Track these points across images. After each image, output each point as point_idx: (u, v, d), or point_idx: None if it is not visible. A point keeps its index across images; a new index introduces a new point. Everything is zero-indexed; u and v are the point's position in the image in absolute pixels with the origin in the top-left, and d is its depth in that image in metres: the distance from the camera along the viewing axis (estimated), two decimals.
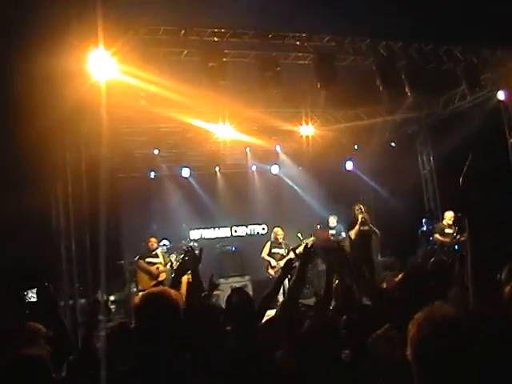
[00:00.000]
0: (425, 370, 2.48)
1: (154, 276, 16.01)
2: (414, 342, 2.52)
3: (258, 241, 21.02)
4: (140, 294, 15.35)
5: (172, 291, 4.15)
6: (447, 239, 16.67)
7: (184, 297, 5.16)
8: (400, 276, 4.40)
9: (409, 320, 2.63)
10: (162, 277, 16.13)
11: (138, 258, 16.45)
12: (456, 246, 16.45)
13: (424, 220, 20.46)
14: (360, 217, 16.23)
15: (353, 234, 16.33)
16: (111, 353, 5.17)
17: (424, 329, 2.51)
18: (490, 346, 2.55)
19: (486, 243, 3.36)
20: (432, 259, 8.40)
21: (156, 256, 16.43)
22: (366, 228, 16.35)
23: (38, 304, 14.50)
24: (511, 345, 2.91)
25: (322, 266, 17.34)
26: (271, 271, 16.87)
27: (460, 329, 2.48)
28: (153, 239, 16.71)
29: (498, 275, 6.90)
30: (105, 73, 12.60)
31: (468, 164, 3.43)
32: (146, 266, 16.18)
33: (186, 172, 21.21)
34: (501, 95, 17.90)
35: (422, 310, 2.61)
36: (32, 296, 15.20)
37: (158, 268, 16.21)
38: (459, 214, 16.86)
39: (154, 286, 15.16)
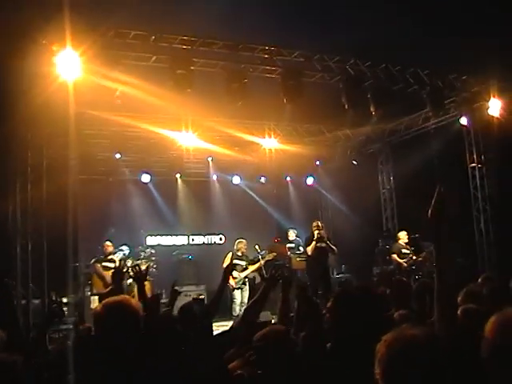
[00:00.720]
0: None
1: (108, 281, 15.86)
2: (383, 362, 2.55)
3: (214, 250, 21.02)
4: (98, 300, 15.34)
5: (132, 300, 4.13)
6: (404, 259, 16.77)
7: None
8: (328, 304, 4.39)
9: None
10: None
11: (94, 262, 16.31)
12: (413, 267, 16.59)
13: (381, 239, 20.63)
14: (316, 233, 16.24)
15: (309, 250, 16.34)
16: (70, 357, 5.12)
17: (393, 348, 2.54)
18: (456, 366, 2.59)
19: (453, 269, 3.47)
20: (393, 278, 8.47)
21: (112, 261, 16.28)
22: (323, 245, 16.35)
23: None
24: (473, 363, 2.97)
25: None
26: (232, 282, 16.86)
27: (428, 348, 2.51)
28: (108, 243, 16.59)
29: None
30: (72, 73, 12.51)
31: (436, 196, 3.55)
32: (101, 270, 16.02)
33: (146, 177, 21.13)
34: (463, 120, 18.12)
35: (392, 332, 2.65)
36: None
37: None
38: (415, 235, 17.05)
39: (110, 290, 15.04)
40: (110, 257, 16.33)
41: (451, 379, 2.51)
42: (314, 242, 16.17)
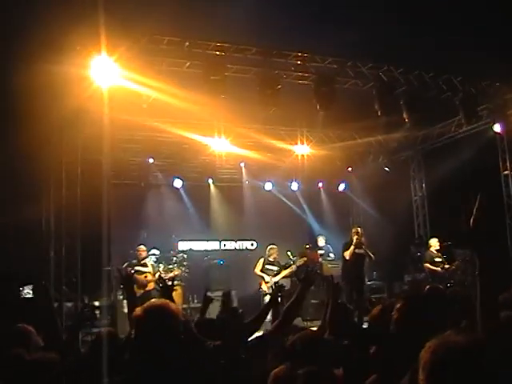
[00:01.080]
0: None
1: (141, 285, 15.94)
2: (427, 368, 2.56)
3: (245, 256, 21.07)
4: (141, 305, 15.44)
5: (172, 304, 4.16)
6: (437, 268, 16.67)
7: None
8: (398, 305, 4.38)
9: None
10: (151, 286, 16.07)
11: (127, 266, 16.40)
12: (446, 275, 16.50)
13: (412, 246, 20.55)
14: (355, 238, 16.19)
15: (347, 255, 16.27)
16: (96, 360, 5.16)
17: (438, 354, 2.55)
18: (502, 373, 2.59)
19: (495, 278, 3.48)
20: (428, 287, 8.41)
21: (145, 265, 16.38)
22: (361, 251, 16.31)
23: (33, 300, 14.47)
24: None
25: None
26: (264, 287, 16.93)
27: (473, 355, 2.52)
28: (142, 248, 16.68)
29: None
30: (107, 79, 12.64)
31: (478, 205, 3.54)
32: (135, 275, 16.10)
33: (178, 183, 21.22)
34: (497, 127, 18.01)
35: (436, 338, 2.65)
36: (28, 292, 15.18)
37: (146, 277, 16.17)
38: (447, 243, 16.95)
39: (142, 295, 15.15)
40: (142, 261, 16.42)
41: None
42: (352, 247, 16.13)
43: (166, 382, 3.74)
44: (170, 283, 6.20)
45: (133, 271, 15.72)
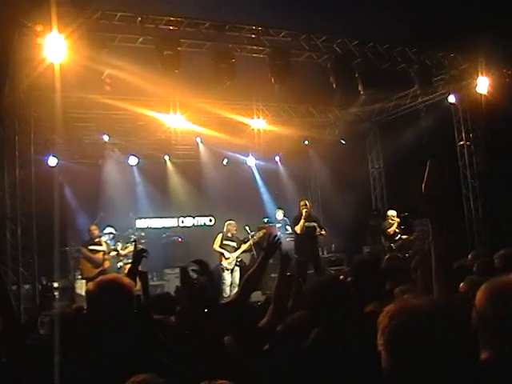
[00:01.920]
0: (398, 359, 2.50)
1: (97, 264, 15.83)
2: (387, 332, 2.54)
3: (204, 232, 20.98)
4: (85, 281, 15.33)
5: (126, 279, 4.11)
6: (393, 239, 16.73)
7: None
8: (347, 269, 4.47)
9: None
10: (106, 264, 15.98)
11: (81, 246, 16.25)
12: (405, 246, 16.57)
13: (370, 218, 20.67)
14: (304, 211, 16.10)
15: (298, 228, 16.18)
16: (61, 338, 5.09)
17: (396, 318, 2.53)
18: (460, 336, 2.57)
19: (450, 243, 3.42)
20: (387, 256, 8.44)
21: (99, 244, 16.23)
22: (312, 224, 16.26)
23: None
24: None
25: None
26: (225, 262, 16.86)
27: (432, 317, 2.50)
28: (93, 227, 16.52)
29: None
30: (58, 56, 12.39)
31: (428, 170, 3.44)
32: (89, 254, 15.97)
33: (134, 160, 21.04)
34: (451, 98, 18.11)
35: (394, 302, 2.64)
36: None
37: (103, 255, 16.03)
38: (404, 214, 17.03)
39: (99, 273, 15.06)
40: (96, 240, 16.26)
41: (455, 347, 2.49)
42: (302, 221, 16.04)
43: (120, 355, 3.69)
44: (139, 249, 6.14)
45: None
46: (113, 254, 16.59)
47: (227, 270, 16.66)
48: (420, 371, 2.44)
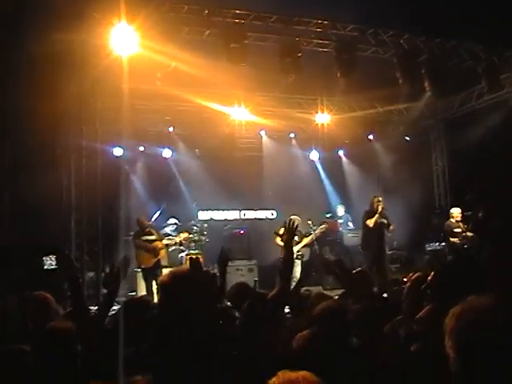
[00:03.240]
0: (468, 360, 2.48)
1: (154, 253, 15.88)
2: (455, 334, 2.52)
3: (266, 226, 21.01)
4: (142, 271, 15.47)
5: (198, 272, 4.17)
6: (455, 239, 16.48)
7: None
8: (431, 274, 4.40)
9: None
10: (162, 253, 16.03)
11: (133, 238, 16.27)
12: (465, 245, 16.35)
13: (433, 216, 20.47)
14: (380, 207, 15.98)
15: (371, 222, 15.99)
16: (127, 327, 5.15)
17: (463, 319, 2.51)
18: None
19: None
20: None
21: (150, 233, 16.25)
22: (384, 220, 16.16)
23: (57, 270, 14.47)
24: None
25: (330, 256, 17.44)
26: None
27: (500, 318, 2.48)
28: (142, 217, 16.54)
29: None
30: (126, 47, 12.57)
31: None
32: (144, 244, 16.01)
33: (198, 152, 21.18)
34: None
35: (459, 304, 2.61)
36: (51, 263, 15.16)
37: (157, 247, 16.06)
38: (468, 213, 16.81)
39: (156, 263, 15.26)
40: (147, 230, 16.27)
41: None
42: (377, 215, 15.91)
43: (193, 350, 3.71)
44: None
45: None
46: (166, 241, 16.66)
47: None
48: (492, 371, 2.42)
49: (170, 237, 17.23)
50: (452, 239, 16.46)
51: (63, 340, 4.40)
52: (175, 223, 17.98)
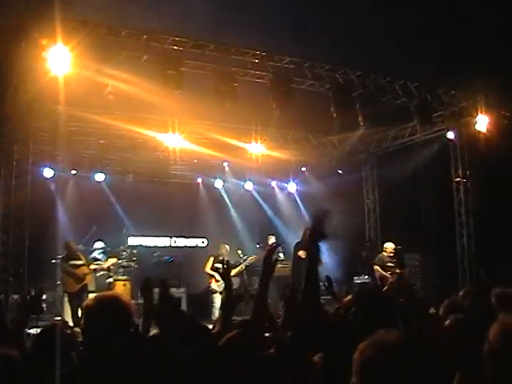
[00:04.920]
0: None
1: (79, 279, 15.71)
2: (358, 369, 2.55)
3: (196, 254, 20.96)
4: (68, 295, 15.27)
5: (126, 298, 4.11)
6: (386, 273, 16.57)
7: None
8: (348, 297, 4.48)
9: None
10: (88, 279, 15.90)
11: (60, 261, 16.11)
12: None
13: (363, 249, 20.64)
14: None
15: (304, 254, 16.02)
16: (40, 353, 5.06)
17: (366, 354, 2.53)
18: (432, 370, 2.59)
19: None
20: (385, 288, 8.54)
21: (78, 258, 16.09)
22: None
23: None
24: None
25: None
26: (214, 285, 16.83)
27: (402, 353, 2.51)
28: (71, 242, 16.41)
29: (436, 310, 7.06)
30: (62, 68, 12.43)
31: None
32: (70, 269, 15.84)
33: (131, 177, 21.04)
34: (450, 135, 18.19)
35: (366, 340, 2.64)
36: None
37: (83, 273, 15.88)
38: (397, 247, 16.98)
39: (82, 288, 15.12)
40: (75, 254, 16.09)
41: (424, 380, 2.50)
42: None
43: (114, 374, 3.67)
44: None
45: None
46: (93, 266, 16.52)
47: (217, 292, 16.61)
48: None
49: (99, 262, 17.08)
50: (383, 272, 16.59)
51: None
52: (102, 247, 17.77)
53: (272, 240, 19.91)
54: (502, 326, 2.93)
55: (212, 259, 17.29)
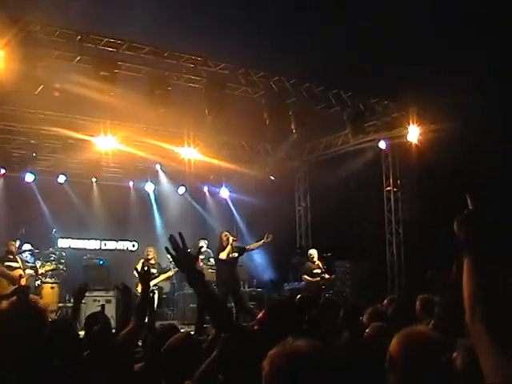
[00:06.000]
0: None
1: (13, 281, 15.45)
2: (268, 378, 2.53)
3: (127, 257, 20.81)
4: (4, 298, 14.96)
5: (41, 302, 4.07)
6: (316, 279, 16.69)
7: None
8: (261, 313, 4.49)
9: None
10: (23, 282, 15.64)
11: None
12: (323, 286, 16.59)
13: (293, 256, 20.73)
14: (231, 239, 16.00)
15: (224, 255, 15.97)
16: None
17: (275, 363, 2.52)
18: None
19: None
20: (298, 296, 8.63)
21: (15, 260, 15.86)
22: (235, 254, 16.18)
23: None
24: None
25: (188, 290, 17.36)
26: (139, 289, 16.67)
27: (311, 361, 2.51)
28: (11, 242, 16.14)
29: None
30: None
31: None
32: (5, 270, 15.59)
33: (61, 178, 20.75)
34: (382, 144, 18.42)
35: (276, 347, 2.62)
36: None
37: (19, 274, 15.63)
38: (327, 254, 17.14)
39: (14, 290, 14.80)
40: (11, 256, 15.87)
41: None
42: (229, 247, 15.91)
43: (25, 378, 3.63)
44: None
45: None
46: (29, 271, 16.26)
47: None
48: None
49: (35, 267, 16.71)
50: (310, 279, 16.72)
51: None
52: (30, 249, 17.50)
53: (203, 244, 19.86)
54: (402, 339, 2.98)
55: (141, 262, 17.17)
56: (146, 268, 6.92)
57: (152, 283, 16.23)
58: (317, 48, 16.03)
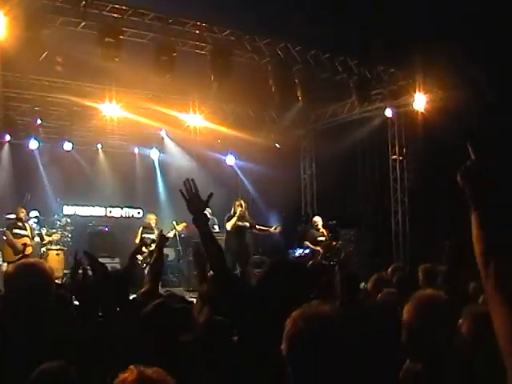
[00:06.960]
0: (300, 365, 2.52)
1: (18, 250, 15.49)
2: (289, 337, 2.56)
3: (131, 224, 20.83)
4: (7, 264, 15.03)
5: (47, 265, 4.07)
6: (319, 247, 16.70)
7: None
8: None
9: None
10: (28, 251, 15.68)
11: (6, 229, 15.90)
12: (327, 254, 16.58)
13: (298, 223, 20.73)
14: (238, 210, 16.15)
15: (229, 225, 16.18)
16: None
17: (297, 324, 2.55)
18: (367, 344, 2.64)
19: None
20: (310, 262, 8.65)
21: (24, 228, 15.92)
22: (245, 223, 16.29)
23: None
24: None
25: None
26: (139, 256, 16.67)
27: (333, 325, 2.53)
28: (21, 209, 16.19)
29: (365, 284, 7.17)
30: None
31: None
32: (11, 238, 15.62)
33: (67, 146, 20.71)
34: (388, 112, 18.32)
35: (300, 308, 2.66)
36: None
37: (25, 244, 15.66)
38: (333, 222, 17.12)
39: (19, 259, 14.85)
40: (20, 223, 15.94)
41: (356, 356, 2.54)
42: (235, 219, 16.06)
43: (34, 341, 3.63)
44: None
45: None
46: (37, 239, 16.32)
47: (141, 263, 16.05)
48: (318, 377, 2.47)
49: (41, 234, 16.75)
50: (311, 245, 16.75)
51: None
52: (36, 216, 17.51)
53: (207, 212, 19.85)
54: (416, 303, 3.01)
55: (141, 230, 17.16)
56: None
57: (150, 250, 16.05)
58: (324, 15, 15.91)
